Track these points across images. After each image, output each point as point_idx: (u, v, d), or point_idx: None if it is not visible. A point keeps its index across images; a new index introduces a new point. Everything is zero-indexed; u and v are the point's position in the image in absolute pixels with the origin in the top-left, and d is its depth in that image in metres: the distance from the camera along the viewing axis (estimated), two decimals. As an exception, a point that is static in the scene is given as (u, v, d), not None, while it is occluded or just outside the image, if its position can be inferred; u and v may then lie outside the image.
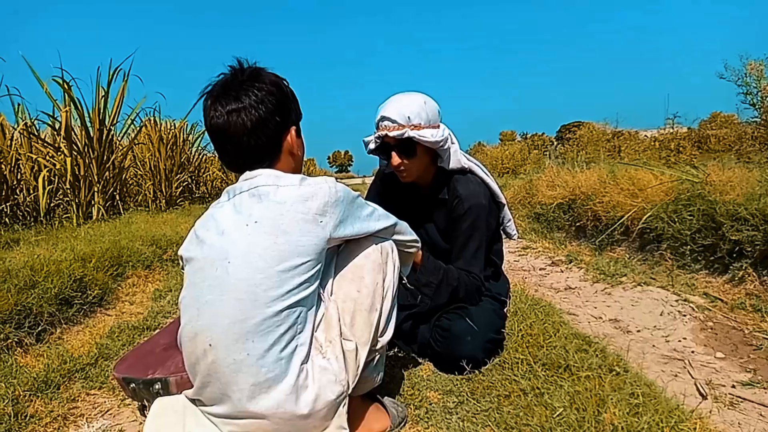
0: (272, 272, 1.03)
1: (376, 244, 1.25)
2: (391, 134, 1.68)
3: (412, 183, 1.86)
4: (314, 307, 1.12)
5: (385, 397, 1.41)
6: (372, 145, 1.78)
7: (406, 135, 1.66)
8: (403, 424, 1.39)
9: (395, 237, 1.31)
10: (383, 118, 1.69)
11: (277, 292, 1.02)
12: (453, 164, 1.78)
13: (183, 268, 1.20)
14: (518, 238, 2.08)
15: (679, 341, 2.04)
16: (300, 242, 1.06)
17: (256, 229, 1.06)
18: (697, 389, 1.64)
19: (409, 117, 1.66)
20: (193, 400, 1.14)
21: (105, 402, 1.74)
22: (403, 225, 1.34)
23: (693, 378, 1.72)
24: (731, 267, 2.55)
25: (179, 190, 7.92)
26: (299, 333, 1.07)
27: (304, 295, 1.06)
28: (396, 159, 1.73)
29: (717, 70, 5.62)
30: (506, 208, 1.93)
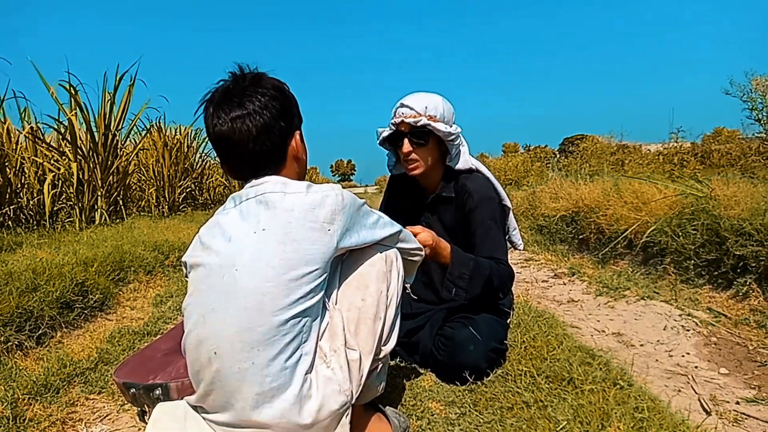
0: (280, 281, 1.02)
1: (381, 253, 1.24)
2: (407, 120, 1.73)
3: (420, 183, 1.88)
4: (319, 316, 1.11)
5: (387, 407, 1.40)
6: (386, 133, 1.83)
7: (421, 122, 1.71)
8: (405, 434, 1.38)
9: (400, 245, 1.31)
10: (402, 105, 1.76)
11: (285, 301, 1.01)
12: (461, 164, 1.82)
13: (186, 276, 1.19)
14: (522, 249, 2.08)
15: (683, 356, 2.03)
16: (308, 250, 1.05)
17: (264, 237, 1.05)
18: (701, 405, 1.62)
19: (426, 107, 1.73)
20: (194, 407, 1.13)
21: (104, 407, 1.73)
22: (407, 233, 1.34)
23: (697, 393, 1.70)
24: (735, 282, 2.53)
25: (182, 196, 7.95)
26: (304, 342, 1.06)
27: (310, 304, 1.05)
28: (407, 146, 1.77)
29: (722, 86, 5.62)
30: (511, 214, 1.94)
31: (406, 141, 1.77)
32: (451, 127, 1.76)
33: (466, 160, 1.83)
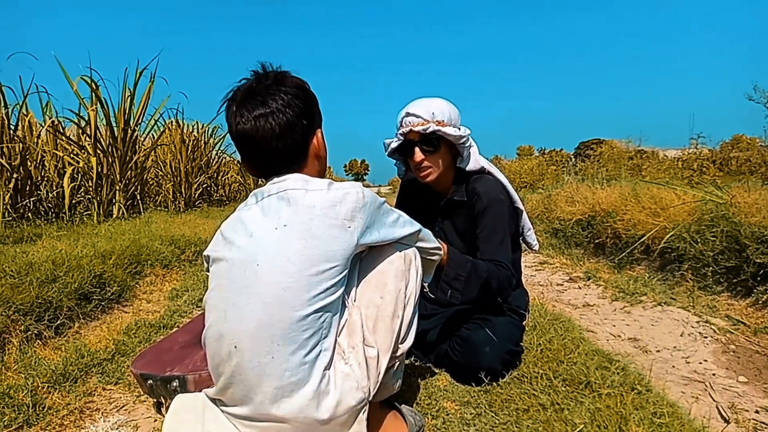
0: (301, 276, 1.02)
1: (400, 251, 1.24)
2: (415, 129, 1.70)
3: (432, 187, 1.87)
4: (339, 313, 1.11)
5: (403, 405, 1.40)
6: (394, 144, 1.80)
7: (430, 129, 1.68)
8: (420, 433, 1.38)
9: (418, 244, 1.31)
10: (408, 114, 1.73)
11: (305, 297, 1.02)
12: (472, 164, 1.80)
13: (207, 270, 1.19)
14: (538, 250, 2.06)
15: (700, 363, 2.00)
16: (329, 247, 1.05)
17: (286, 233, 1.05)
18: (720, 413, 1.60)
19: (433, 113, 1.70)
20: (213, 400, 1.14)
21: (121, 397, 1.75)
22: (427, 232, 1.34)
23: (715, 401, 1.68)
24: (755, 290, 2.50)
25: (198, 192, 8.01)
26: (324, 338, 1.06)
27: (330, 300, 1.06)
28: (419, 155, 1.75)
29: (746, 92, 5.54)
30: (525, 215, 1.92)
31: (417, 150, 1.75)
32: (459, 129, 1.74)
33: (476, 160, 1.81)
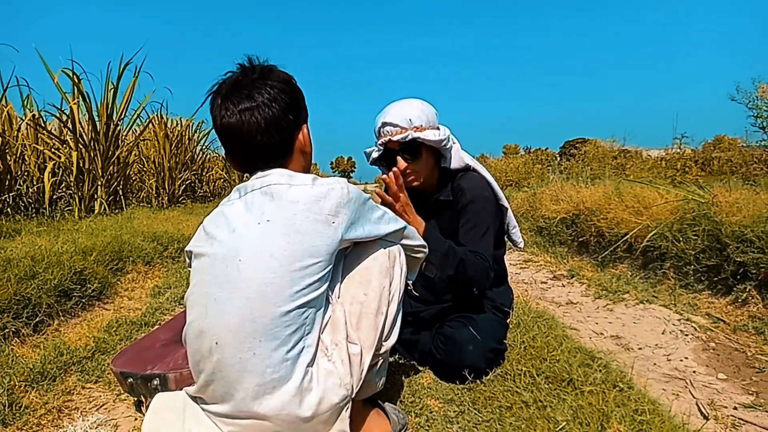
0: (284, 272, 1.01)
1: (384, 248, 1.24)
2: (394, 138, 1.69)
3: (418, 188, 1.86)
4: (322, 309, 1.11)
5: (386, 403, 1.39)
6: (375, 154, 1.78)
7: (410, 137, 1.67)
8: (403, 430, 1.37)
9: (403, 241, 1.30)
10: (385, 124, 1.70)
11: (288, 292, 1.01)
12: (456, 163, 1.79)
13: (189, 266, 1.18)
14: (523, 247, 2.06)
15: (681, 360, 2.03)
16: (313, 242, 1.04)
17: (269, 228, 1.04)
18: (699, 410, 1.62)
19: (410, 120, 1.68)
20: (194, 398, 1.12)
21: (101, 396, 1.72)
22: (412, 229, 1.33)
23: (695, 398, 1.70)
24: (735, 288, 2.53)
25: (182, 188, 7.93)
26: (307, 334, 1.05)
27: (314, 296, 1.05)
28: (402, 163, 1.73)
29: (728, 92, 5.63)
30: (510, 213, 1.92)
31: (399, 159, 1.73)
32: (439, 130, 1.72)
33: (460, 158, 1.80)
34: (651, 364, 1.99)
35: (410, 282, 1.43)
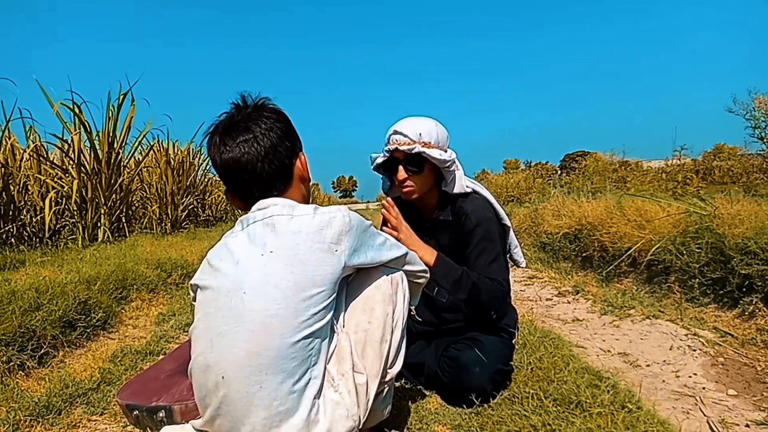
0: (288, 303, 1.01)
1: (387, 275, 1.24)
2: (401, 148, 1.71)
3: (416, 205, 1.88)
4: (328, 339, 1.11)
5: (393, 431, 1.38)
6: (380, 159, 1.81)
7: (415, 150, 1.69)
8: (411, 458, 1.36)
9: (405, 267, 1.30)
10: (395, 132, 1.74)
11: (293, 323, 1.01)
12: (457, 189, 1.80)
13: (194, 300, 1.18)
14: (525, 266, 2.06)
15: (690, 377, 2.01)
16: (316, 272, 1.05)
17: (272, 260, 1.05)
18: (711, 428, 1.60)
19: (420, 134, 1.71)
20: (200, 431, 1.11)
21: (107, 428, 1.71)
22: (413, 255, 1.33)
23: (705, 416, 1.68)
24: (741, 301, 2.52)
25: (185, 213, 7.95)
26: (313, 366, 1.05)
27: (319, 326, 1.05)
28: (402, 173, 1.76)
29: (726, 104, 5.67)
30: (512, 232, 1.93)
31: (400, 168, 1.76)
32: (446, 152, 1.74)
33: (462, 185, 1.80)
34: (660, 382, 1.97)
35: (413, 307, 1.43)
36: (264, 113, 1.18)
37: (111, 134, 5.64)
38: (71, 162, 5.35)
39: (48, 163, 5.38)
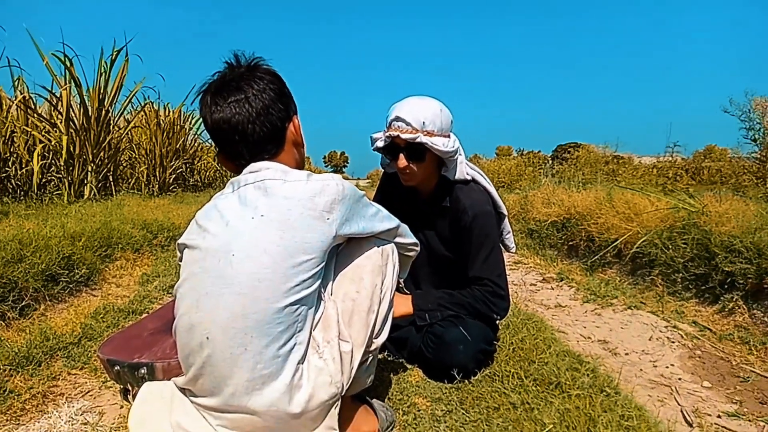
0: (277, 268, 1.00)
1: (378, 246, 1.23)
2: (403, 136, 1.64)
3: (414, 187, 1.85)
4: (314, 306, 1.10)
5: (374, 400, 1.39)
6: (380, 143, 1.74)
7: (418, 140, 1.62)
8: (391, 428, 1.37)
9: (397, 240, 1.30)
10: (398, 119, 1.65)
11: (281, 289, 1.00)
12: (458, 175, 1.76)
13: (180, 260, 1.17)
14: (514, 252, 2.06)
15: (667, 367, 2.04)
16: (306, 238, 1.04)
17: (262, 223, 1.03)
18: (684, 417, 1.63)
19: (424, 122, 1.63)
20: (182, 389, 1.11)
21: (86, 383, 1.71)
22: (405, 228, 1.33)
23: (679, 405, 1.72)
24: (722, 298, 2.55)
25: (173, 176, 7.87)
26: (299, 331, 1.05)
27: (306, 293, 1.04)
28: (403, 161, 1.70)
29: (721, 104, 5.68)
30: (506, 219, 1.92)
31: (401, 156, 1.69)
32: (449, 139, 1.68)
33: (463, 171, 1.77)
34: (637, 370, 2.00)
35: (401, 280, 1.43)
36: (257, 73, 1.16)
37: (102, 90, 5.53)
38: (60, 116, 5.25)
39: (36, 115, 5.27)
